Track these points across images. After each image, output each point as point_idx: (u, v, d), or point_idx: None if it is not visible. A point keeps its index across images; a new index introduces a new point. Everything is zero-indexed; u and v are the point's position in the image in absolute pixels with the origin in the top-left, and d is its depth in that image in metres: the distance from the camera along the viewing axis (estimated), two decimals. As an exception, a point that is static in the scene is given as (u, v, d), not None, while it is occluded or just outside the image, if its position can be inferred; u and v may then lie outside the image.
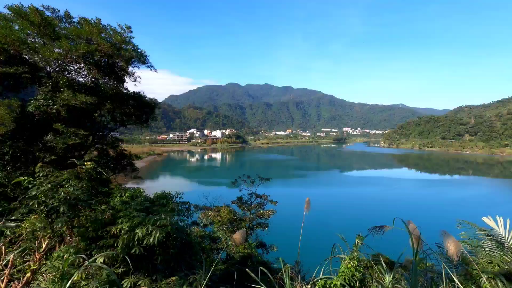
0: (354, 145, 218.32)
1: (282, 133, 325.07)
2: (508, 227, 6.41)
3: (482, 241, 6.76)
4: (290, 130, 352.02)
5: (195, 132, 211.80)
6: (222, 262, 8.78)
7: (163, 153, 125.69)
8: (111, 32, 12.31)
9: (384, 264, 3.87)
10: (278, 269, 3.81)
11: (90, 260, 3.04)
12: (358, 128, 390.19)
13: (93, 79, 12.88)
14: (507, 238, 6.26)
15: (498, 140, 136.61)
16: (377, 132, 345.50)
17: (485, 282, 3.65)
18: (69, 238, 4.58)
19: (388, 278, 3.54)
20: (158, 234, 3.87)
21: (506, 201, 42.31)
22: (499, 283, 3.95)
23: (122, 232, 3.99)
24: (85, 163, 5.47)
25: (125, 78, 14.05)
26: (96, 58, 12.15)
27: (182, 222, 5.29)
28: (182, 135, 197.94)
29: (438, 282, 3.79)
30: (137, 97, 13.90)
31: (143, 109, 14.27)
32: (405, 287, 3.76)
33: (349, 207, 36.18)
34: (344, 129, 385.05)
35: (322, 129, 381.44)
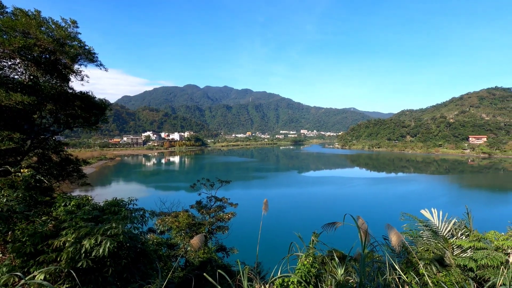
0: (311, 147, 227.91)
1: (242, 135, 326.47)
2: (441, 218, 7.24)
3: (421, 231, 7.55)
4: (249, 133, 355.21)
5: (151, 135, 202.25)
6: (180, 269, 8.50)
7: (115, 158, 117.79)
8: (53, 26, 11.25)
9: (337, 259, 4.09)
10: (237, 271, 3.82)
11: (27, 278, 2.73)
12: (314, 130, 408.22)
13: (31, 77, 11.60)
14: (440, 228, 7.08)
15: (433, 141, 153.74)
16: (331, 134, 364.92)
17: (421, 268, 4.08)
18: (1, 255, 4.05)
19: (340, 271, 3.76)
20: (108, 244, 3.62)
21: (440, 195, 47.76)
22: (433, 268, 4.45)
23: (67, 244, 3.65)
24: (22, 170, 4.90)
25: (70, 77, 12.92)
26: (35, 54, 10.98)
27: (136, 230, 5.02)
28: (137, 138, 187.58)
29: (384, 271, 4.13)
30: (85, 98, 12.85)
31: (91, 111, 13.23)
32: (355, 279, 4.03)
33: (306, 206, 37.62)
34: (302, 131, 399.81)
35: (281, 131, 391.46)
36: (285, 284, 3.73)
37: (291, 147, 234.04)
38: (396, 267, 3.30)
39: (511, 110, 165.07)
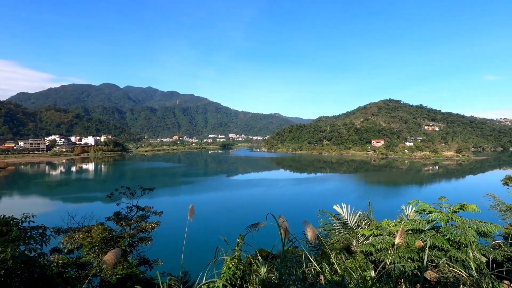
0: (239, 150, 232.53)
1: (168, 139, 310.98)
2: (349, 211, 8.29)
3: (334, 224, 8.49)
4: (177, 137, 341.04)
5: (57, 139, 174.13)
6: (94, 290, 7.55)
7: (7, 167, 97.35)
8: None
9: (260, 258, 4.26)
10: (158, 284, 3.61)
11: None
12: (243, 135, 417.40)
13: None
14: (349, 220, 8.09)
15: (345, 144, 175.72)
16: (258, 138, 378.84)
17: (332, 258, 4.59)
18: None
19: (263, 269, 3.93)
20: (-9, 273, 2.97)
21: (351, 191, 54.73)
22: (343, 256, 5.06)
23: None
24: None
25: None
26: None
27: (33, 252, 4.26)
28: (38, 143, 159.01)
29: (302, 265, 4.49)
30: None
31: (-30, 109, 10.64)
32: (276, 274, 4.27)
33: (233, 209, 38.12)
34: (230, 135, 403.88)
35: (209, 135, 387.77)
36: (210, 289, 3.70)
37: (219, 151, 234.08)
38: (312, 259, 3.64)
39: (400, 118, 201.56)
